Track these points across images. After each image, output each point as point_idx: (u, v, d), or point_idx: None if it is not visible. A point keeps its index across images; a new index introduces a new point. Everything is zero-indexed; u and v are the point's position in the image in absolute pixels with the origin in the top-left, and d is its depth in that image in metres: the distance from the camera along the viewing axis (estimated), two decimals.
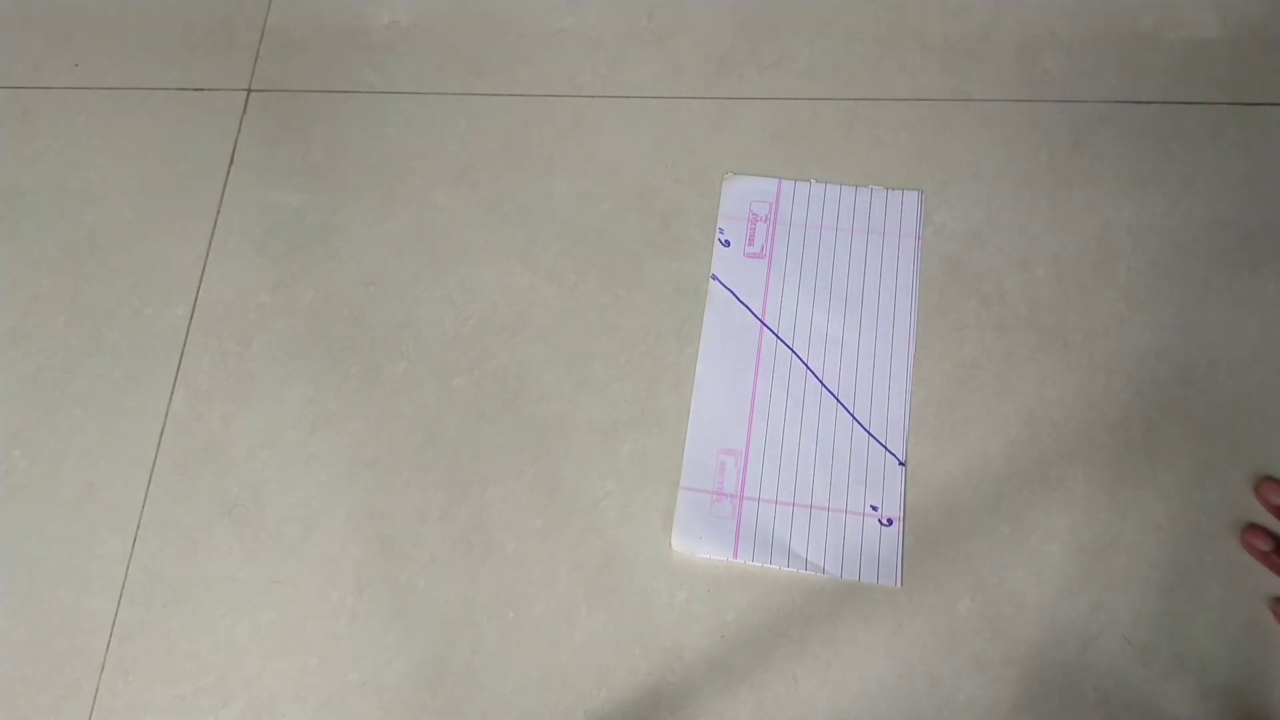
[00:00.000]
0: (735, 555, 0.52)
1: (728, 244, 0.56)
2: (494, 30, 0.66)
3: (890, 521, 0.51)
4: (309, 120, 0.65)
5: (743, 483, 0.53)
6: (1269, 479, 0.50)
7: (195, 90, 0.67)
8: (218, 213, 0.63)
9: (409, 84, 0.65)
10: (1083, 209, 0.57)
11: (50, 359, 0.60)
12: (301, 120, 0.65)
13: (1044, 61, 0.60)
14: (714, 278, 0.55)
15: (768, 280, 0.56)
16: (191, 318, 0.60)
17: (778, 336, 0.55)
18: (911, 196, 0.58)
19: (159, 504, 0.56)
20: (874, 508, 0.51)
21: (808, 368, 0.54)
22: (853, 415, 0.53)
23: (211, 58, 0.67)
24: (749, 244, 0.56)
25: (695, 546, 0.52)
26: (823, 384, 0.54)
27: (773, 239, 0.57)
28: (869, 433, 0.53)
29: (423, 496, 0.55)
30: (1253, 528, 0.49)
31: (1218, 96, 0.58)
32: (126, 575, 0.55)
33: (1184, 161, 0.57)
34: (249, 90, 0.66)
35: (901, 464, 0.52)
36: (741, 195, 0.58)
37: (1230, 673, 0.47)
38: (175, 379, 0.59)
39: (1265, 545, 0.48)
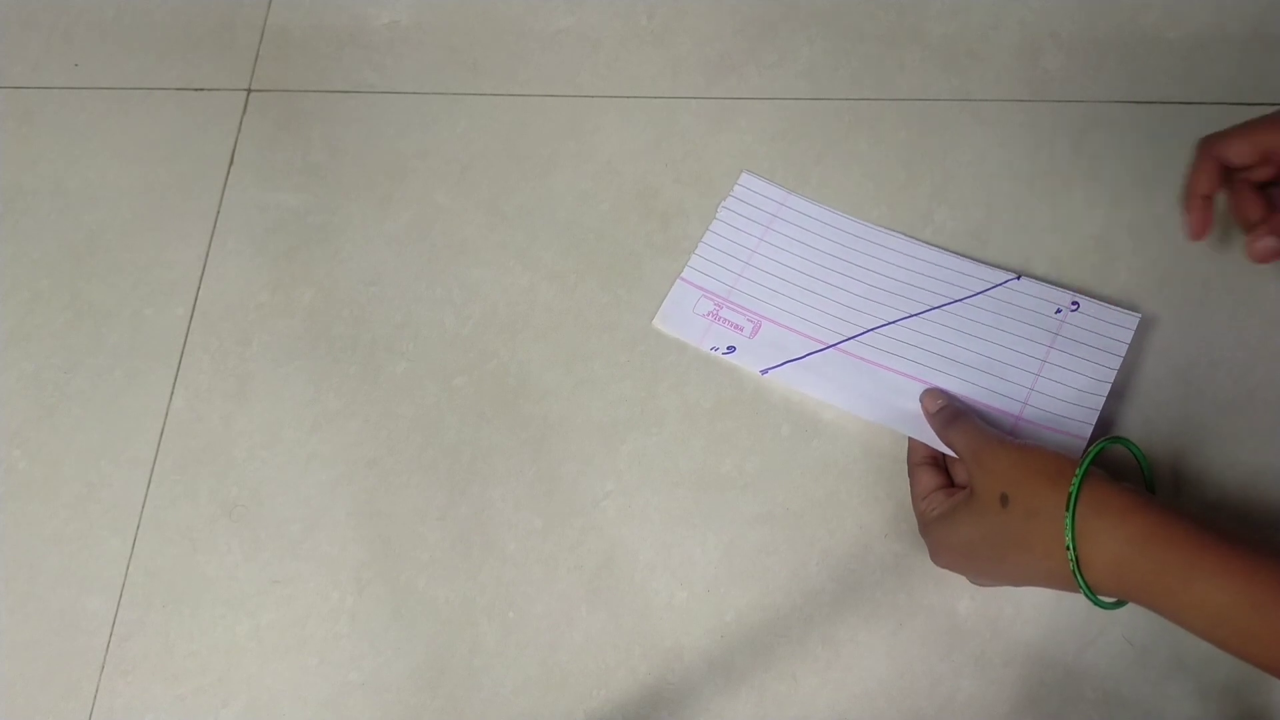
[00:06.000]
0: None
1: (732, 349, 0.55)
2: (494, 30, 0.66)
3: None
4: (309, 120, 0.65)
5: None
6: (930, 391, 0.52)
7: (195, 90, 0.67)
8: (218, 213, 0.63)
9: (409, 84, 0.65)
10: (1083, 209, 0.57)
11: (50, 359, 0.60)
12: (301, 120, 0.65)
13: (1044, 61, 0.60)
14: (763, 372, 0.54)
15: (788, 336, 0.55)
16: (191, 318, 0.60)
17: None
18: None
19: (159, 504, 0.56)
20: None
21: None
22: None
23: (211, 58, 0.67)
24: (739, 332, 0.55)
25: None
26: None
27: (744, 310, 0.56)
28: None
29: (423, 496, 0.55)
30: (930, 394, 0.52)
31: (1218, 96, 0.58)
32: (126, 575, 0.55)
33: (1184, 161, 0.57)
34: (249, 90, 0.66)
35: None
36: (680, 313, 0.56)
37: (1230, 673, 0.47)
38: (175, 379, 0.59)
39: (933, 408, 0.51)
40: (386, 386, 0.57)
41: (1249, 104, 0.58)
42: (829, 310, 0.55)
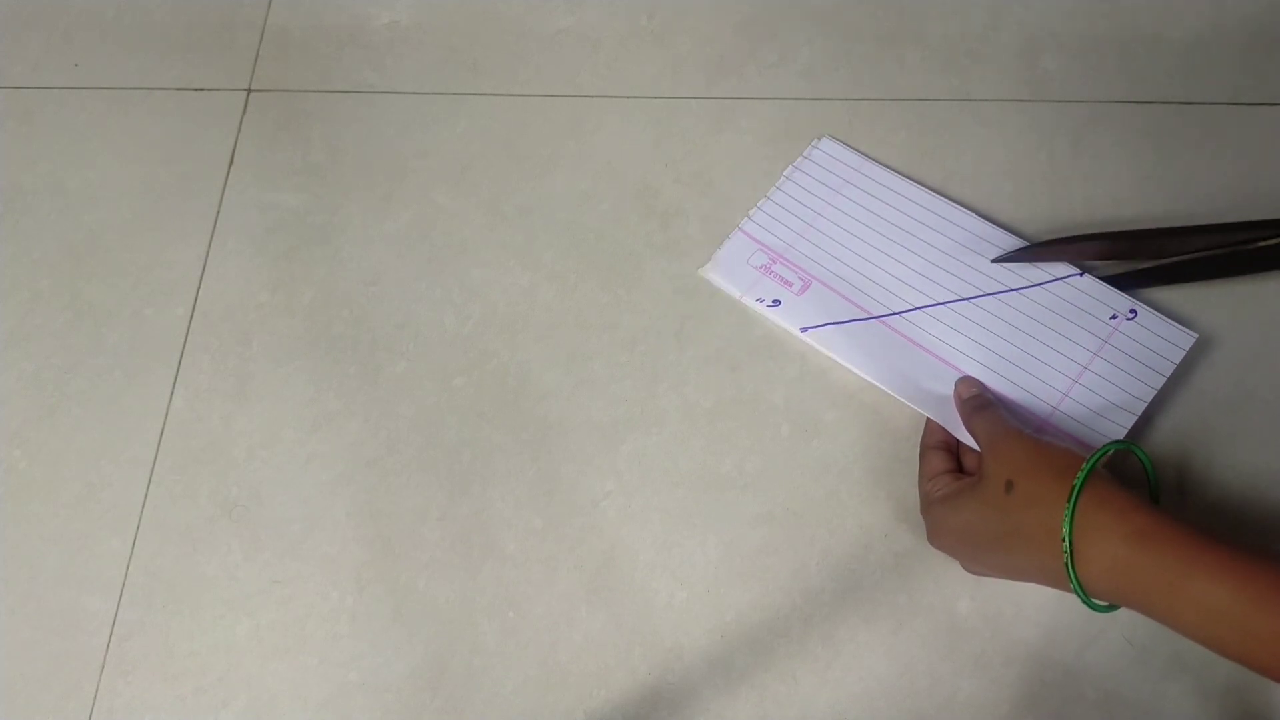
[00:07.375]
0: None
1: (777, 303, 0.55)
2: (494, 30, 0.66)
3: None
4: (309, 120, 0.65)
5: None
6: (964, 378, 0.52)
7: (195, 90, 0.67)
8: (218, 213, 0.63)
9: (409, 84, 0.65)
10: (1083, 209, 0.57)
11: (50, 359, 0.60)
12: (301, 120, 0.65)
13: (1044, 61, 0.61)
14: (803, 330, 0.54)
15: (836, 300, 0.55)
16: (191, 318, 0.60)
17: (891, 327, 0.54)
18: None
19: (159, 504, 0.56)
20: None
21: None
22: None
23: (211, 58, 0.68)
24: (788, 288, 0.55)
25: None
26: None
27: (797, 269, 0.56)
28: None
29: (423, 496, 0.55)
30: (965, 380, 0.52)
31: (1218, 96, 0.58)
32: (126, 575, 0.55)
33: (1184, 161, 0.57)
34: (249, 90, 0.66)
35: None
36: (732, 263, 0.57)
37: (1230, 673, 0.47)
38: (175, 379, 0.59)
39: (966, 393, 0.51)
40: (386, 386, 0.57)
41: (1249, 104, 0.58)
42: (882, 281, 0.55)
